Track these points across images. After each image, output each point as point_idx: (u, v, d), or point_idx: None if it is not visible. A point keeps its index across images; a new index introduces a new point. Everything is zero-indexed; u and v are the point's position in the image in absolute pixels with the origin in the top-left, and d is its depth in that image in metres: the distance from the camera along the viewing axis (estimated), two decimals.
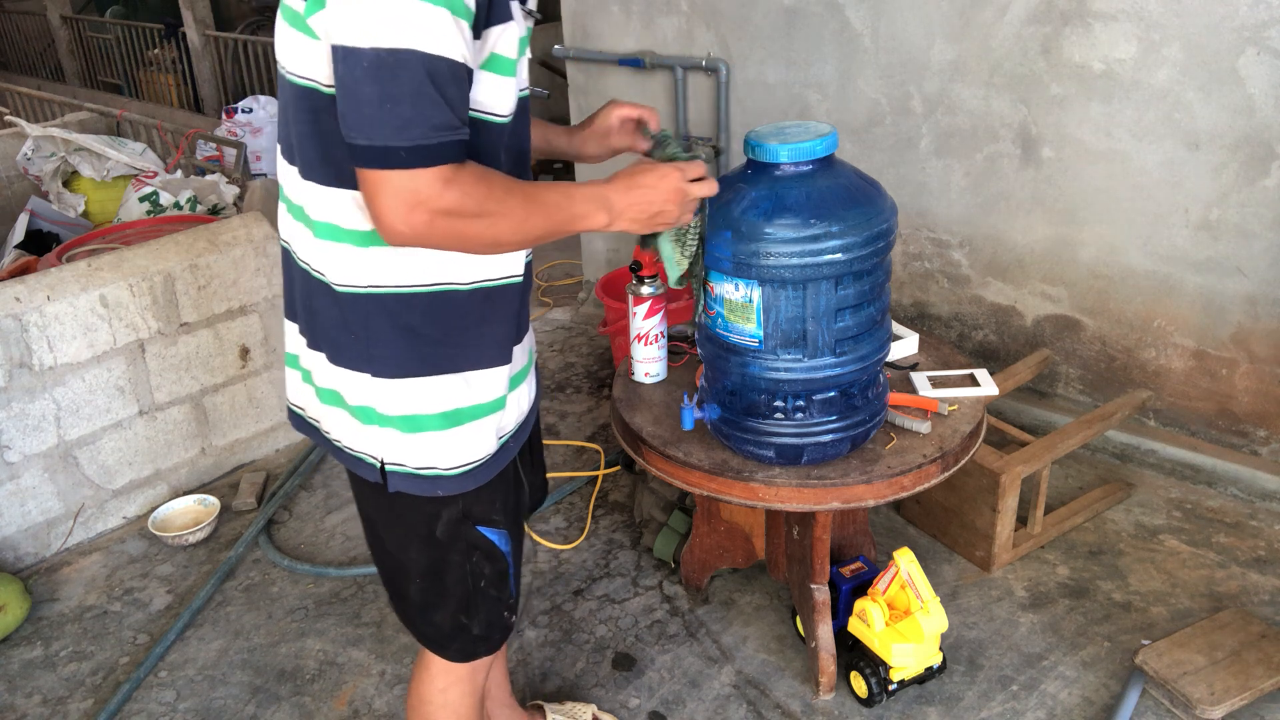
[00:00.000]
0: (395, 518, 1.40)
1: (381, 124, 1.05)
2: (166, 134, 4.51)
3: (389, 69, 1.04)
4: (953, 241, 3.00)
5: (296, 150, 1.24)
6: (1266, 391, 2.59)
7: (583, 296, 4.09)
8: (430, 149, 1.07)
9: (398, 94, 1.05)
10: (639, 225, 1.36)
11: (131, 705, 2.20)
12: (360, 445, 1.33)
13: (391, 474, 1.33)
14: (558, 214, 1.24)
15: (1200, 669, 1.99)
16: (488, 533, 1.42)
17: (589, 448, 3.06)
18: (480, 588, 1.44)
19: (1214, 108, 2.44)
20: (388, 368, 1.27)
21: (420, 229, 1.11)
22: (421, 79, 1.05)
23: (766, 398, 1.75)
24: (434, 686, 1.54)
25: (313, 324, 1.32)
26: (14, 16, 10.78)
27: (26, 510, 2.65)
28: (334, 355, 1.30)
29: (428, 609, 1.46)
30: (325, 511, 2.86)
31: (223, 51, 7.57)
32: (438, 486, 1.33)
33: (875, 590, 2.04)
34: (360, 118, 1.06)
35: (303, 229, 1.28)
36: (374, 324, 1.26)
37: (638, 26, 3.48)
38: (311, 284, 1.29)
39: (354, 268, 1.24)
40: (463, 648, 1.50)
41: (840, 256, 1.59)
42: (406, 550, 1.42)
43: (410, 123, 1.05)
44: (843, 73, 3.01)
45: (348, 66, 1.05)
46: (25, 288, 2.56)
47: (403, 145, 1.06)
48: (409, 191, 1.08)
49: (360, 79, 1.05)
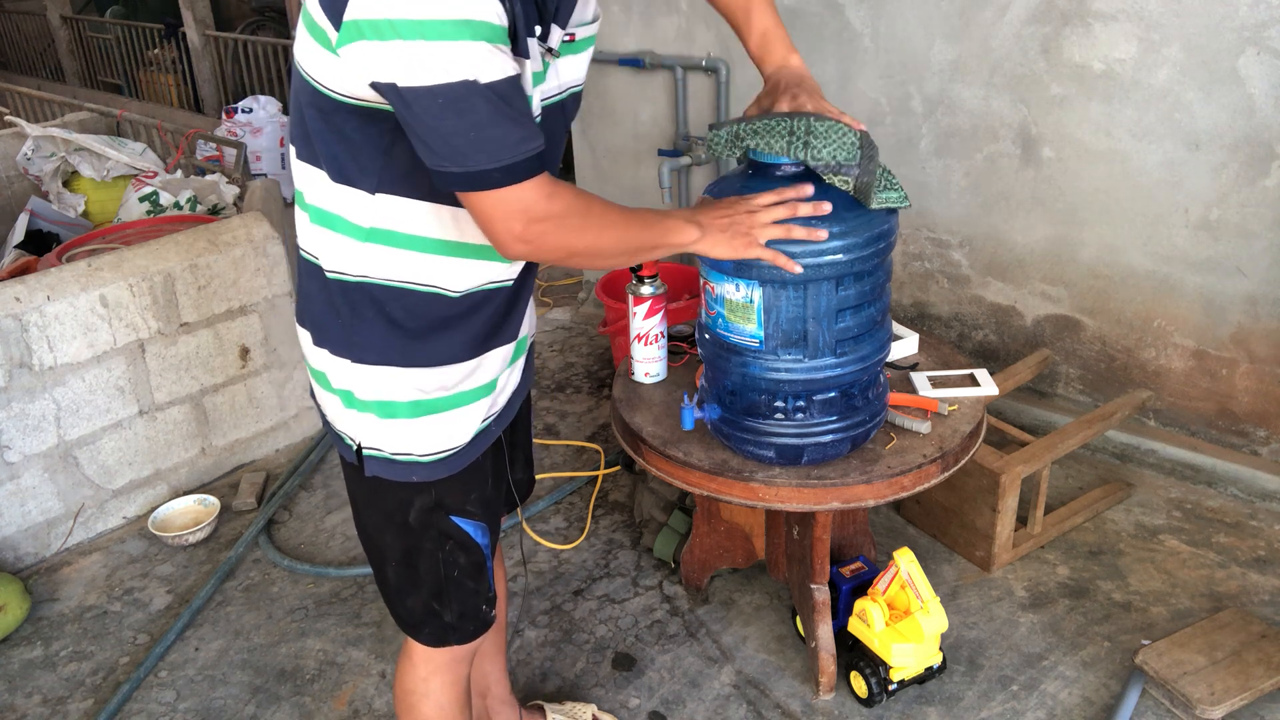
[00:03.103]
0: (372, 501, 1.44)
1: (473, 151, 1.09)
2: (166, 134, 4.51)
3: (463, 100, 1.07)
4: (953, 241, 3.01)
5: (304, 138, 1.25)
6: (1266, 391, 2.59)
7: (583, 296, 4.10)
8: (519, 165, 1.12)
9: (479, 121, 1.08)
10: (724, 239, 1.46)
11: (131, 705, 2.21)
12: (341, 425, 1.38)
13: (368, 458, 1.37)
14: (655, 225, 1.33)
15: (1200, 669, 1.99)
16: (462, 523, 1.44)
17: (589, 448, 3.06)
18: (454, 577, 1.47)
19: (1214, 108, 2.44)
20: (368, 354, 1.31)
21: (535, 239, 1.16)
22: (495, 102, 1.08)
23: (767, 398, 1.75)
24: (416, 675, 1.57)
25: (303, 304, 1.37)
26: (14, 16, 10.77)
27: (26, 510, 2.65)
28: (318, 337, 1.35)
29: (401, 592, 1.49)
30: (325, 511, 2.86)
31: (223, 51, 7.57)
32: (412, 472, 1.37)
33: (875, 590, 2.04)
34: (451, 149, 1.09)
35: (300, 212, 1.31)
36: (360, 311, 1.29)
37: (638, 26, 3.48)
38: (304, 266, 1.33)
39: (349, 258, 1.26)
40: (434, 633, 1.52)
41: (841, 257, 1.59)
42: (383, 534, 1.46)
43: (500, 144, 1.09)
44: (843, 73, 3.01)
45: (422, 106, 1.08)
46: (25, 288, 2.56)
47: (496, 167, 1.10)
48: (519, 209, 1.14)
49: (438, 114, 1.07)
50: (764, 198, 1.51)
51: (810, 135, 1.46)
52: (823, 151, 1.47)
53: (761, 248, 1.50)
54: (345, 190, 1.22)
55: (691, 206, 1.46)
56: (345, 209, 1.24)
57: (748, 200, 1.51)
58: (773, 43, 1.59)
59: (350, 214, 1.24)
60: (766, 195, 1.52)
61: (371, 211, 1.23)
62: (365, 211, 1.23)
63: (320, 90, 1.17)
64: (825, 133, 1.46)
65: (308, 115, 1.21)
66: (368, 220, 1.23)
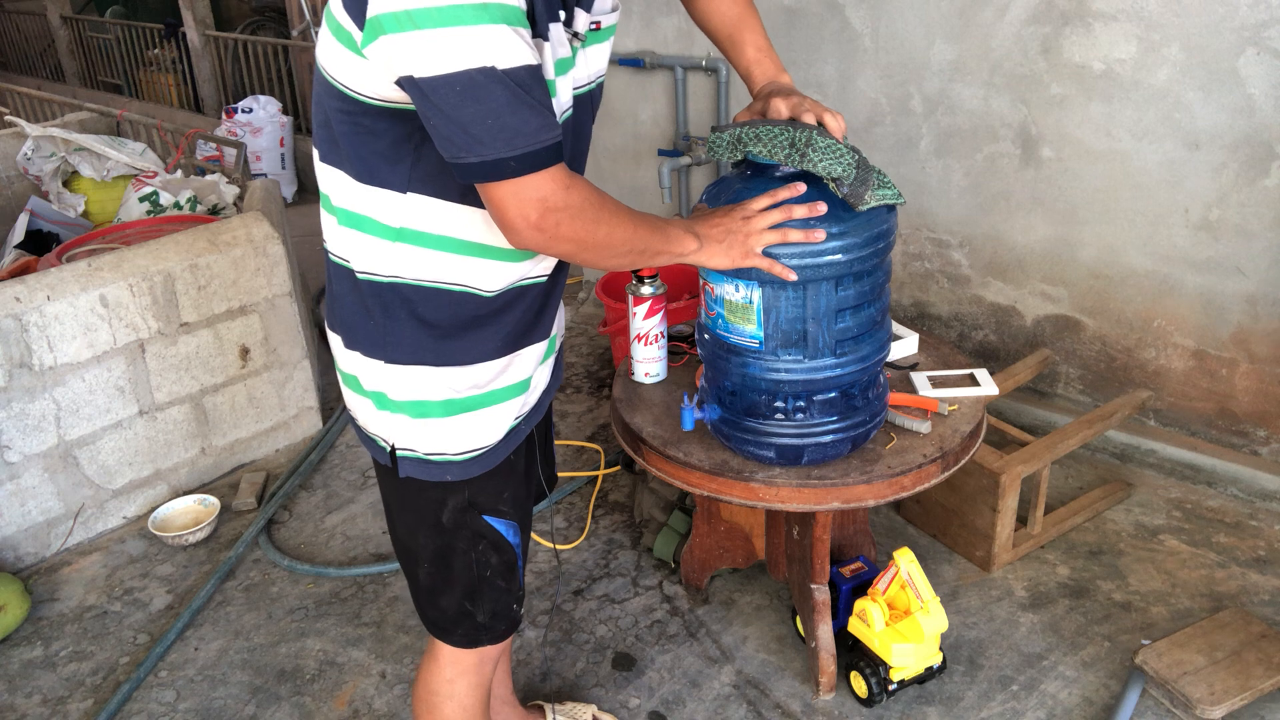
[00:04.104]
0: (405, 502, 1.43)
1: (490, 140, 1.08)
2: (166, 134, 4.51)
3: (483, 87, 1.06)
4: (953, 241, 3.00)
5: (329, 141, 1.25)
6: (1266, 391, 2.59)
7: (583, 296, 4.10)
8: (538, 153, 1.10)
9: (497, 109, 1.07)
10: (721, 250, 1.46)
11: (131, 705, 2.21)
12: (374, 428, 1.38)
13: (402, 459, 1.37)
14: (659, 230, 1.33)
15: (1200, 669, 1.99)
16: (494, 523, 1.44)
17: (589, 448, 3.06)
18: (486, 577, 1.46)
19: (1214, 108, 2.44)
20: (400, 355, 1.31)
21: (551, 229, 1.15)
22: (513, 89, 1.07)
23: (767, 398, 1.75)
24: (441, 677, 1.55)
25: (333, 307, 1.37)
26: (14, 16, 10.77)
27: (26, 510, 2.65)
28: (349, 339, 1.35)
29: (434, 593, 1.49)
30: (325, 511, 2.86)
31: (223, 51, 7.56)
32: (446, 472, 1.37)
33: (875, 590, 2.04)
34: (468, 138, 1.08)
35: (327, 215, 1.31)
36: (392, 312, 1.29)
37: (638, 26, 3.48)
38: (334, 269, 1.33)
39: (380, 258, 1.26)
40: (467, 634, 1.51)
41: (840, 257, 1.59)
42: (416, 535, 1.45)
43: (517, 132, 1.08)
44: (843, 73, 3.01)
45: (439, 96, 1.07)
46: (25, 288, 2.56)
47: (513, 155, 1.09)
48: (536, 198, 1.13)
49: (456, 104, 1.07)
50: (758, 202, 1.51)
51: (810, 148, 1.48)
52: (819, 165, 1.48)
53: (758, 256, 1.50)
54: (374, 191, 1.22)
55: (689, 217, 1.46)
56: (374, 209, 1.24)
57: (743, 207, 1.51)
58: (766, 60, 1.59)
59: (380, 214, 1.24)
60: (761, 199, 1.52)
61: (402, 211, 1.22)
62: (395, 211, 1.23)
63: (347, 93, 1.17)
64: (825, 148, 1.48)
65: (334, 119, 1.21)
66: (397, 220, 1.23)
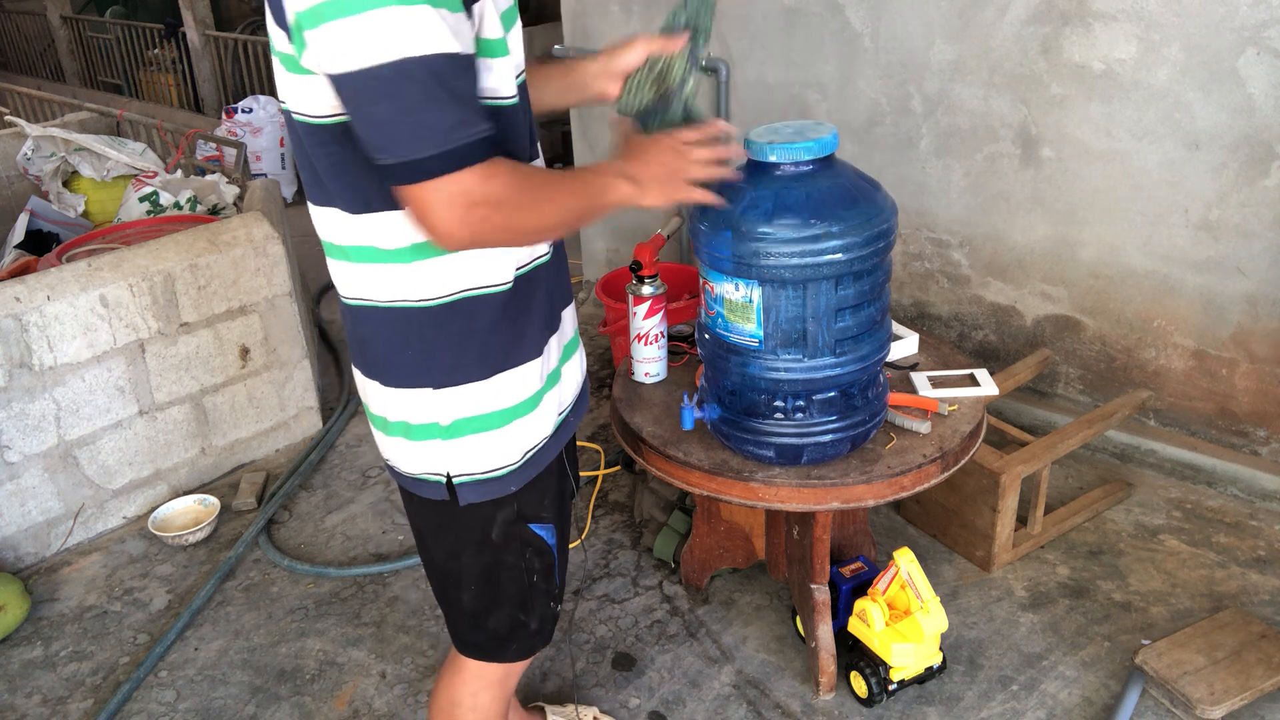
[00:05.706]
0: (446, 528, 1.40)
1: (404, 139, 1.04)
2: (166, 134, 4.51)
3: (393, 84, 1.02)
4: (953, 241, 3.00)
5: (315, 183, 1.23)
6: (1266, 391, 2.59)
7: (583, 296, 4.10)
8: (457, 151, 1.06)
9: (410, 105, 1.03)
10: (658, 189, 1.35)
11: (131, 705, 2.20)
12: (422, 466, 1.33)
13: (460, 487, 1.33)
14: (589, 190, 1.26)
15: (1200, 669, 1.99)
16: (538, 529, 1.43)
17: (589, 448, 3.06)
18: (533, 583, 1.45)
19: (1214, 108, 2.44)
20: (446, 376, 1.27)
21: (477, 227, 1.11)
22: (428, 83, 1.03)
23: (766, 398, 1.75)
24: (466, 690, 1.53)
25: (363, 354, 1.32)
26: (14, 16, 10.77)
27: (26, 510, 2.65)
28: (389, 378, 1.30)
29: (481, 615, 1.45)
30: (325, 511, 2.86)
31: (223, 51, 7.57)
32: (509, 484, 1.34)
33: (875, 590, 2.04)
34: (382, 137, 1.05)
35: (336, 263, 1.27)
36: (429, 335, 1.25)
37: (638, 26, 3.48)
38: (355, 314, 1.29)
39: (400, 283, 1.23)
40: (520, 646, 1.49)
41: (840, 257, 1.59)
42: (458, 557, 1.42)
43: (432, 130, 1.04)
44: (843, 73, 3.01)
45: (354, 92, 1.04)
46: (25, 288, 2.56)
47: (429, 155, 1.05)
48: (457, 195, 1.08)
49: (370, 100, 1.04)
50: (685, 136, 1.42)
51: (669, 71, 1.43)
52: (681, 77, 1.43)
53: (692, 189, 1.42)
54: (372, 218, 1.19)
55: (618, 154, 1.38)
56: (378, 237, 1.20)
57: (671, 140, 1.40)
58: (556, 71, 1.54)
59: (385, 240, 1.20)
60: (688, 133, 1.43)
61: (405, 230, 1.19)
62: (399, 232, 1.19)
63: (311, 122, 1.14)
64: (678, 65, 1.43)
65: (314, 156, 1.18)
66: (406, 239, 1.20)
